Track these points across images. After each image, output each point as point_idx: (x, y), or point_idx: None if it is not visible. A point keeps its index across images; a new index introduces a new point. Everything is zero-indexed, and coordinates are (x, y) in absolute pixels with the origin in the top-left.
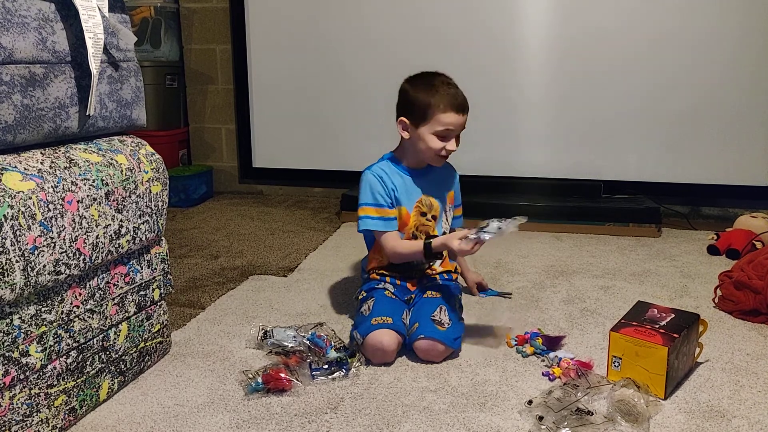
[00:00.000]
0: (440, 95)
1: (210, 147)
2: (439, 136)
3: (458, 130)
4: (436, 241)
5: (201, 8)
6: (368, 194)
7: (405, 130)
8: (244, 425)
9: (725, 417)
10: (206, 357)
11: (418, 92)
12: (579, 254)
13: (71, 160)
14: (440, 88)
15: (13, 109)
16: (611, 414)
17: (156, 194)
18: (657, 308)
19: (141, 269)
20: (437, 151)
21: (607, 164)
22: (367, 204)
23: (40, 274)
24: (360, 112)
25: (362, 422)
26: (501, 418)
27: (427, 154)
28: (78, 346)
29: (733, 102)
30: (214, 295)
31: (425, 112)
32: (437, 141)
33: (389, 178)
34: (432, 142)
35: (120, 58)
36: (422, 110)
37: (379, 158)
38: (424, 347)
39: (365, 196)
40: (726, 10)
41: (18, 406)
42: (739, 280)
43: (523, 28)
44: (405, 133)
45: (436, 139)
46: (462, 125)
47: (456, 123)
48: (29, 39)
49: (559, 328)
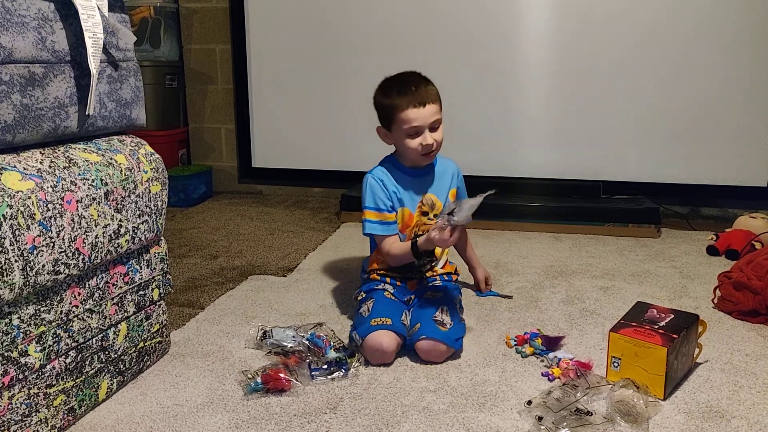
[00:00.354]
0: (397, 96)
1: (209, 147)
2: (411, 135)
3: (427, 123)
4: (420, 239)
5: (201, 8)
6: (370, 198)
7: (386, 137)
8: (244, 425)
9: (724, 417)
10: (205, 357)
11: (381, 98)
12: (578, 255)
13: (70, 160)
14: (397, 89)
15: (13, 109)
16: (610, 414)
17: (155, 194)
18: (656, 309)
19: (140, 269)
20: (416, 150)
21: (606, 165)
22: (368, 208)
23: (39, 273)
24: (360, 112)
25: (361, 422)
26: (500, 418)
27: (410, 155)
28: (77, 346)
29: (733, 102)
30: (214, 295)
31: (390, 116)
32: (411, 140)
33: (390, 181)
34: (407, 143)
35: (119, 58)
36: (387, 116)
37: (381, 159)
38: (426, 348)
39: (368, 199)
40: (726, 12)
41: (17, 405)
42: (738, 280)
43: (522, 29)
44: (387, 139)
45: (409, 140)
46: (429, 117)
47: (419, 117)
48: (29, 38)
49: (559, 329)
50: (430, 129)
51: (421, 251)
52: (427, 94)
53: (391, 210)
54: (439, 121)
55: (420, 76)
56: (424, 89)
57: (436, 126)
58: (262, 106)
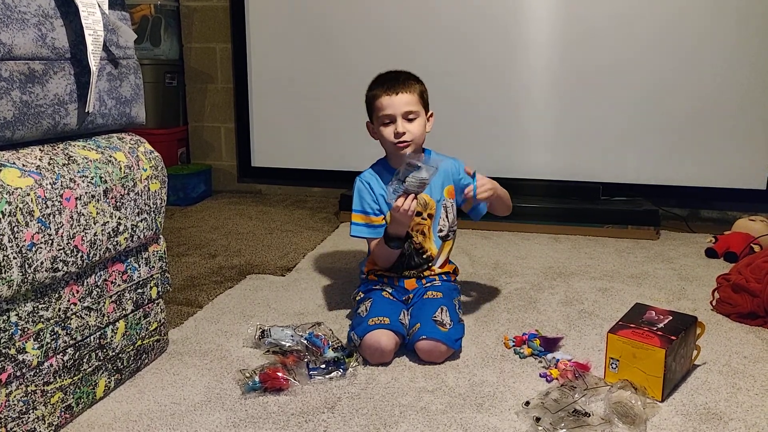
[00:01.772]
0: (375, 84)
1: (209, 146)
2: (385, 124)
3: (399, 111)
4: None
5: (201, 6)
6: (357, 201)
7: (373, 132)
8: (241, 424)
9: (722, 420)
10: (203, 356)
11: (367, 91)
12: (577, 256)
13: (70, 157)
14: (379, 81)
15: (12, 106)
16: (608, 416)
17: (154, 192)
18: (655, 310)
19: (139, 267)
20: (390, 141)
21: (606, 166)
22: (356, 211)
23: (38, 270)
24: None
25: (359, 422)
26: (498, 419)
27: (387, 147)
28: (75, 344)
29: (732, 105)
30: (212, 294)
31: (370, 107)
32: (386, 129)
33: (378, 184)
34: (383, 132)
35: (120, 56)
36: (369, 108)
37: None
38: (426, 348)
39: (355, 202)
40: (725, 15)
41: (14, 403)
42: (736, 283)
43: (522, 31)
44: (373, 134)
45: (384, 128)
46: (403, 106)
47: (392, 105)
48: (29, 35)
49: (557, 330)
50: (406, 119)
51: (392, 236)
52: (403, 85)
53: (377, 213)
54: (416, 114)
55: (407, 73)
56: (403, 81)
57: (412, 118)
58: (261, 105)
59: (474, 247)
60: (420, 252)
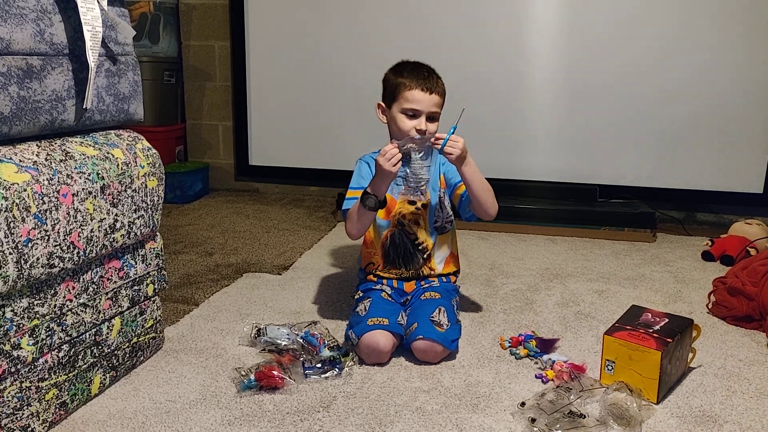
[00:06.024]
0: (409, 74)
1: (207, 144)
2: (408, 115)
3: (427, 109)
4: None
5: (200, 4)
6: (355, 179)
7: (383, 114)
8: (236, 422)
9: (717, 422)
10: (199, 353)
11: (391, 74)
12: (574, 258)
13: (67, 153)
14: (410, 69)
15: (10, 101)
16: (603, 417)
17: (152, 189)
18: (651, 312)
19: (135, 264)
20: (407, 131)
21: (603, 169)
22: (352, 188)
23: (34, 266)
24: (357, 111)
25: (354, 421)
26: (493, 419)
27: (398, 135)
28: (70, 340)
29: (729, 109)
30: (208, 292)
31: (394, 90)
32: (406, 120)
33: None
34: (401, 121)
35: (118, 52)
36: (392, 90)
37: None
38: (422, 348)
39: (353, 180)
40: (723, 19)
41: (8, 399)
42: (733, 286)
43: (522, 34)
44: (382, 116)
45: (405, 119)
46: (431, 105)
47: (422, 101)
48: (27, 30)
49: (553, 331)
50: (429, 118)
51: (370, 194)
52: (436, 84)
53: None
54: (438, 115)
55: (437, 73)
56: (435, 79)
57: (435, 117)
58: (259, 103)
59: (471, 248)
60: (415, 243)
